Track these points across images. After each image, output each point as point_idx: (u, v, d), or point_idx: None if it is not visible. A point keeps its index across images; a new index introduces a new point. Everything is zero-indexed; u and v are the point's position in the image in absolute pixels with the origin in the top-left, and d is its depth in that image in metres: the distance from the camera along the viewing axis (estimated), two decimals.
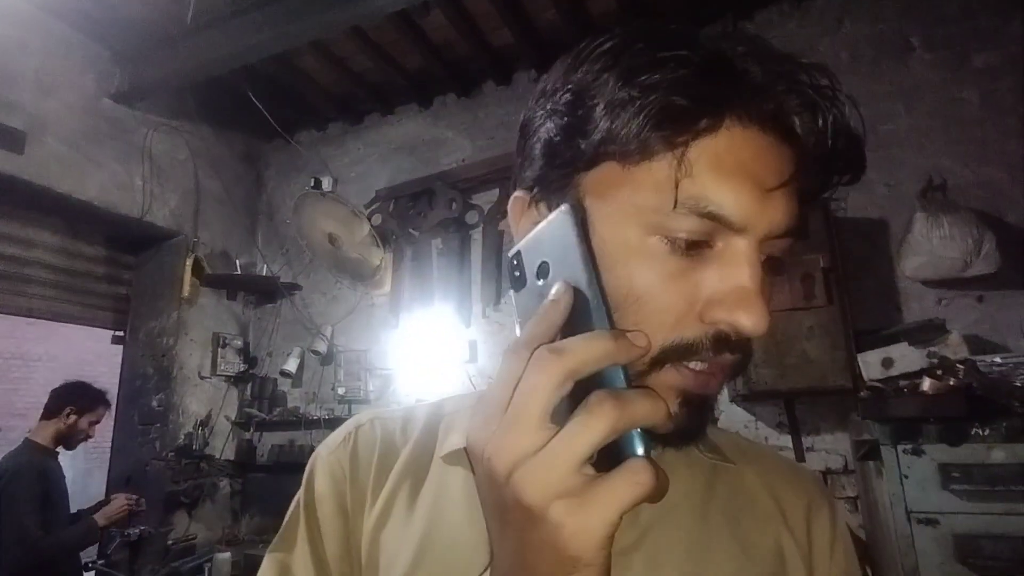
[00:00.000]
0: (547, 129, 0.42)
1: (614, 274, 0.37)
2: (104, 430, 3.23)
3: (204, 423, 3.09)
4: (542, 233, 0.36)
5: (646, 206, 0.37)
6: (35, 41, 2.61)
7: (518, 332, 0.34)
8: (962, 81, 2.28)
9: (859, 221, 2.33)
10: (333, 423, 3.01)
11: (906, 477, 1.48)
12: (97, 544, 2.57)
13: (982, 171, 2.20)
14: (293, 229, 3.20)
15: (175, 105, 3.12)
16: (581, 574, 0.29)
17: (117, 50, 2.86)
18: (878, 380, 1.93)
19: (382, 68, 3.02)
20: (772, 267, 0.40)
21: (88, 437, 2.53)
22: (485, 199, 3.02)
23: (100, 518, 2.34)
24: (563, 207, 0.34)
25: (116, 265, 3.22)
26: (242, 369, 3.31)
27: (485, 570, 0.36)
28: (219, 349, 3.23)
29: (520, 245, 0.37)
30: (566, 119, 0.40)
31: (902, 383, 1.82)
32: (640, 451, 0.29)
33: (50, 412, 2.46)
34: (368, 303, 3.24)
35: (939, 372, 1.76)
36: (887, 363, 1.95)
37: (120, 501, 2.41)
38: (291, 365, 3.23)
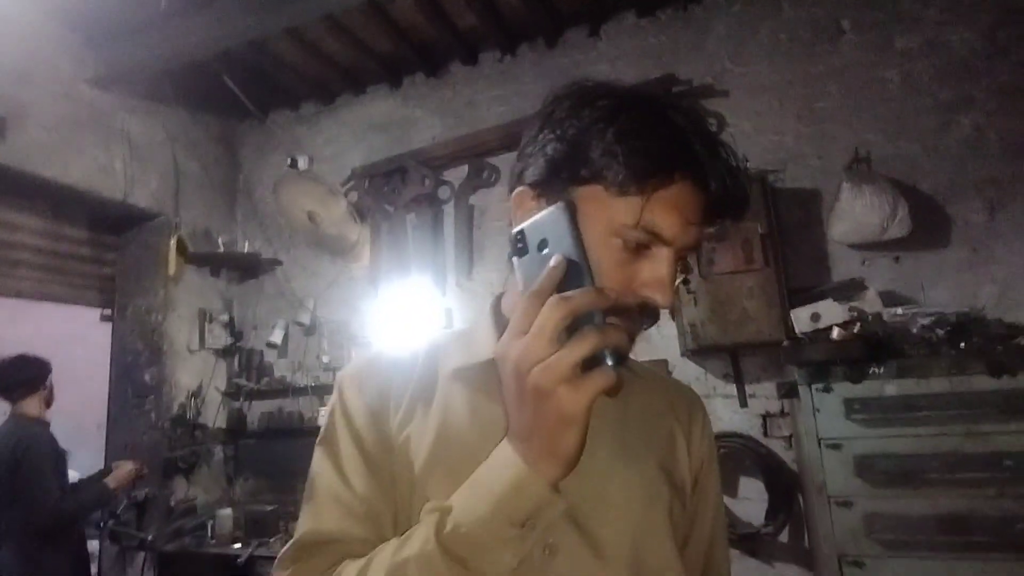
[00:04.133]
0: (554, 148, 0.59)
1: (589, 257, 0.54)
2: (97, 403, 3.39)
3: (196, 394, 3.26)
4: (543, 218, 0.52)
5: (616, 221, 0.56)
6: (10, 27, 2.64)
7: (519, 283, 0.53)
8: (886, 63, 2.51)
9: (794, 191, 2.57)
10: (319, 390, 3.22)
11: (818, 411, 1.77)
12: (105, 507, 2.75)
13: (900, 145, 2.45)
14: (274, 209, 3.32)
15: (151, 89, 3.17)
16: (574, 426, 0.47)
17: (89, 35, 2.90)
18: (807, 332, 2.22)
19: (352, 51, 3.12)
20: (688, 258, 0.61)
21: None
22: (455, 175, 3.18)
23: (111, 481, 2.50)
24: (562, 203, 0.52)
25: (100, 246, 3.31)
26: (229, 342, 3.46)
27: (502, 438, 0.53)
28: (206, 324, 3.37)
29: (525, 225, 0.54)
30: (571, 148, 0.58)
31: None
32: (611, 363, 0.46)
33: (32, 386, 2.51)
34: (348, 276, 3.40)
35: (858, 324, 2.04)
36: (815, 317, 2.21)
37: (129, 465, 2.58)
38: (276, 337, 3.40)
